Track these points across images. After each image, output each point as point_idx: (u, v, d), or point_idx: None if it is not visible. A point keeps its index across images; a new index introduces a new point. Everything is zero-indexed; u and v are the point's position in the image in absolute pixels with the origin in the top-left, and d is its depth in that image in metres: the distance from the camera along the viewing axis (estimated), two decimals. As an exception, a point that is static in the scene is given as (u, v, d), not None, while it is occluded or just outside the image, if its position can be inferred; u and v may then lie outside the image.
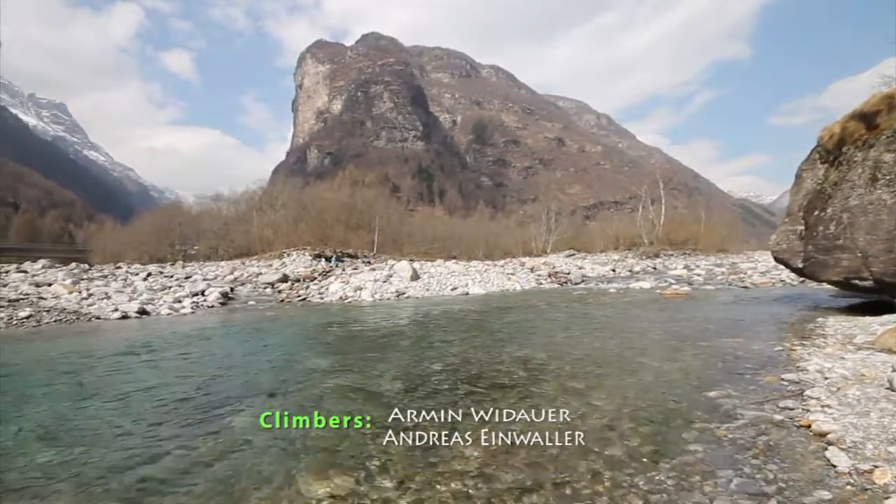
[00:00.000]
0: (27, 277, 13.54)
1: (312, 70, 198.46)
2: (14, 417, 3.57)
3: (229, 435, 3.08)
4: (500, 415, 3.29)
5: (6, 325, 8.83)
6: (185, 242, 39.73)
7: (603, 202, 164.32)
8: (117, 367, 5.38)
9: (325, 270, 20.05)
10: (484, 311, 10.63)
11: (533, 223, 51.57)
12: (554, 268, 23.70)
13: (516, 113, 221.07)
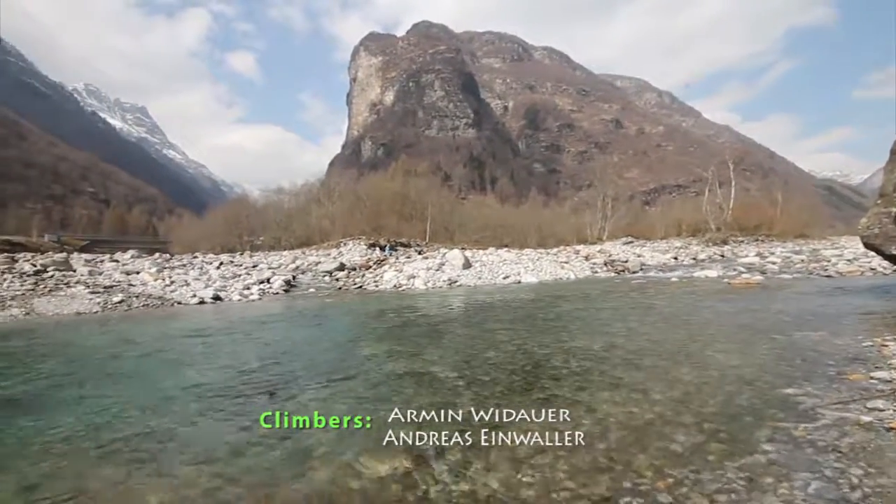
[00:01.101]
0: (118, 266, 15.05)
1: (365, 63, 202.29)
2: (121, 390, 4.02)
3: (289, 409, 3.28)
4: (554, 404, 3.25)
5: (102, 308, 9.91)
6: (251, 233, 42.40)
7: (664, 186, 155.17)
8: (200, 348, 5.87)
9: (379, 259, 20.62)
10: (536, 299, 10.48)
11: (588, 210, 49.83)
12: (610, 256, 22.83)
13: (570, 95, 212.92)
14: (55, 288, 11.21)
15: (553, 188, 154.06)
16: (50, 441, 2.86)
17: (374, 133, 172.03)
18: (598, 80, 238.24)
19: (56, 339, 6.90)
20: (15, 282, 11.31)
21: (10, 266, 12.91)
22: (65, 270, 13.23)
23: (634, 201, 66.73)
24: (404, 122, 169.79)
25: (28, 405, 3.59)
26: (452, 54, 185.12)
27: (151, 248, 39.91)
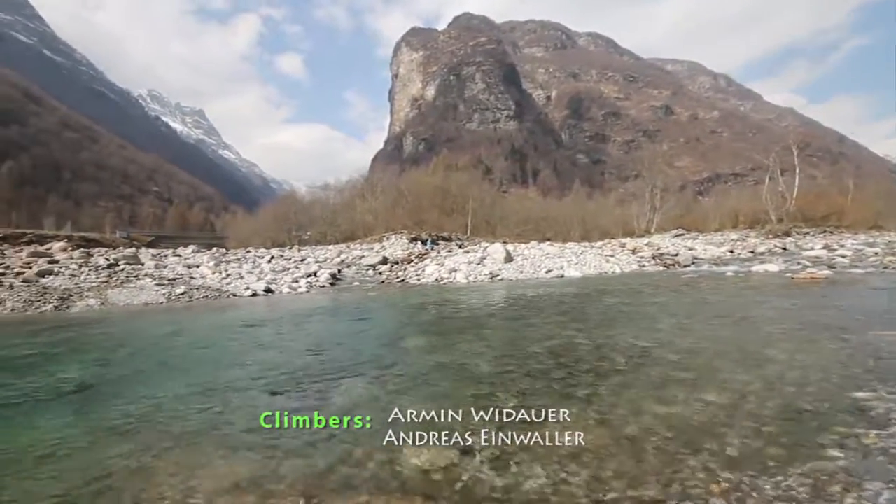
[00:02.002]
0: (181, 260, 16.10)
1: (407, 58, 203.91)
2: (183, 377, 4.33)
3: (341, 400, 3.40)
4: (599, 401, 3.18)
5: (167, 299, 10.66)
6: (299, 228, 44.09)
7: (719, 175, 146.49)
8: (254, 339, 6.21)
9: (421, 253, 20.85)
10: (580, 294, 10.24)
11: (635, 201, 47.96)
12: (659, 249, 21.88)
13: (617, 82, 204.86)
14: (126, 280, 12.17)
15: (598, 179, 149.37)
16: (118, 424, 3.12)
17: (416, 128, 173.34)
18: (646, 65, 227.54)
19: (128, 328, 7.51)
20: (91, 274, 12.39)
21: (86, 260, 14.14)
22: (134, 264, 14.33)
23: (686, 191, 63.58)
24: (445, 117, 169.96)
25: (101, 390, 3.94)
26: (493, 46, 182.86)
27: (209, 243, 42.38)
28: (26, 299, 9.70)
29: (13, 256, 14.08)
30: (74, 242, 22.62)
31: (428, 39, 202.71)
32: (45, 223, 60.06)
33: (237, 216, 72.01)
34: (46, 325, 7.61)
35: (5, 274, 11.57)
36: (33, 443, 2.76)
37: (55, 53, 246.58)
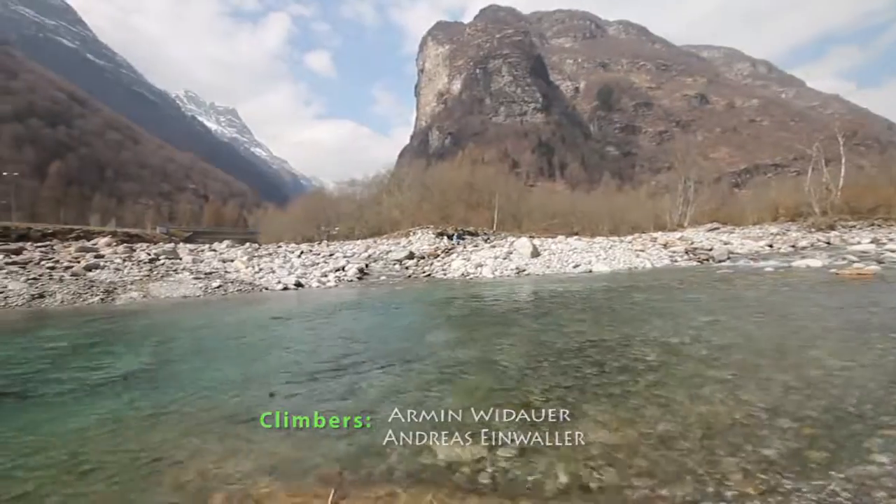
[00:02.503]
0: (216, 255, 16.69)
1: (433, 53, 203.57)
2: (219, 367, 4.52)
3: (370, 393, 3.47)
4: (629, 399, 3.13)
5: (204, 292, 11.08)
6: (328, 224, 44.91)
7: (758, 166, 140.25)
8: (285, 331, 6.40)
9: (447, 248, 20.90)
10: (609, 289, 10.04)
11: (667, 194, 46.54)
12: (692, 243, 21.19)
13: (648, 71, 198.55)
14: (166, 274, 12.73)
15: (628, 172, 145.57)
16: (161, 409, 3.28)
17: (442, 123, 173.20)
18: (680, 53, 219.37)
19: (169, 320, 7.86)
20: (134, 268, 13.01)
21: (129, 255, 14.86)
22: (173, 259, 14.96)
23: (721, 184, 61.13)
24: (471, 111, 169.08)
25: (145, 378, 4.15)
26: (520, 37, 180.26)
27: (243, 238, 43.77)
28: (75, 292, 10.30)
29: (62, 251, 14.93)
30: (118, 238, 23.81)
31: (454, 33, 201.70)
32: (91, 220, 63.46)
33: (268, 212, 74.04)
34: (94, 316, 8.06)
35: (55, 268, 12.29)
36: (86, 425, 2.94)
37: (98, 57, 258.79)
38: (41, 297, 9.80)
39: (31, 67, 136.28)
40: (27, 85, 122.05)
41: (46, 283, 10.82)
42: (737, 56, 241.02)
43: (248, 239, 42.77)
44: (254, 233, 62.18)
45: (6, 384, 3.88)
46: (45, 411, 3.24)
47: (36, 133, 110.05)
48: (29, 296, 9.77)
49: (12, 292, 9.80)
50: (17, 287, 10.13)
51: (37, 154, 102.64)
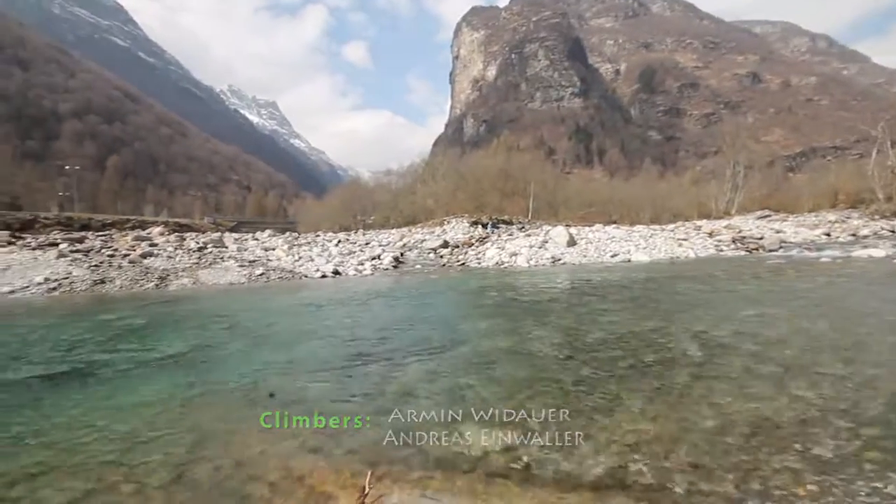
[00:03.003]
0: (259, 244, 17.34)
1: (468, 39, 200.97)
2: (261, 352, 4.73)
3: (405, 379, 3.53)
4: (669, 392, 3.04)
5: (248, 280, 11.57)
6: (364, 213, 45.70)
7: (815, 149, 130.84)
8: (324, 318, 6.60)
9: (481, 237, 20.83)
10: (649, 279, 9.72)
11: (713, 180, 44.29)
12: (740, 232, 20.14)
13: (695, 50, 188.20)
14: (213, 262, 13.37)
15: (670, 157, 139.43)
16: (209, 389, 3.48)
17: (476, 110, 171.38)
18: (730, 29, 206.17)
19: (216, 305, 8.28)
20: (184, 257, 13.74)
21: (180, 243, 15.69)
22: (220, 247, 15.69)
23: (774, 168, 57.34)
24: (506, 97, 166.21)
25: (195, 359, 4.40)
26: (558, 19, 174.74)
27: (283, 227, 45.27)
28: (132, 278, 11.01)
29: (120, 240, 15.96)
30: (170, 227, 25.17)
31: (489, 18, 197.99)
32: (146, 210, 67.39)
33: (307, 202, 76.13)
34: (150, 301, 8.60)
35: (114, 255, 13.16)
36: (141, 402, 3.16)
37: (148, 55, 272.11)
38: (102, 283, 10.54)
39: (88, 67, 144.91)
40: (85, 83, 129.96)
41: (107, 269, 11.61)
42: (793, 31, 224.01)
43: (287, 228, 44.19)
44: (293, 222, 64.17)
45: (73, 363, 4.22)
46: (106, 388, 3.50)
47: (94, 129, 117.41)
48: (91, 281, 10.52)
49: (77, 278, 10.59)
50: (80, 273, 10.94)
51: (96, 149, 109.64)
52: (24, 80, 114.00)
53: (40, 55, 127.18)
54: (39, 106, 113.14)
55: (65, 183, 53.30)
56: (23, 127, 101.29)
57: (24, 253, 12.35)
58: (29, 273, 10.57)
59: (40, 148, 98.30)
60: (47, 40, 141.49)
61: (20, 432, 2.71)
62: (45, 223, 25.21)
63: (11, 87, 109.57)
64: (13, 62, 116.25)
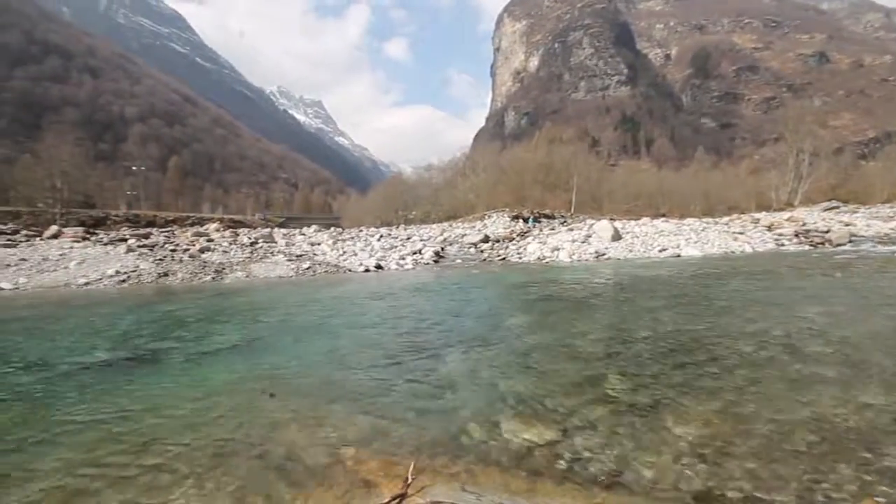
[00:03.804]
0: (305, 239, 18.00)
1: (509, 30, 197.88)
2: (308, 341, 4.93)
3: (446, 372, 3.57)
4: (723, 393, 2.89)
5: (295, 273, 12.04)
6: (405, 208, 46.28)
7: (890, 133, 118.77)
8: (367, 310, 6.78)
9: (522, 231, 20.57)
10: (700, 275, 9.26)
11: (773, 169, 41.33)
12: (804, 225, 18.74)
13: (755, 30, 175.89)
14: (264, 256, 14.03)
15: (725, 146, 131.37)
16: (261, 376, 3.66)
17: (518, 102, 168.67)
18: (793, 7, 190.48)
19: (268, 297, 8.69)
20: (238, 251, 14.50)
21: (234, 239, 16.56)
22: (270, 242, 16.43)
23: (844, 155, 52.67)
24: (549, 88, 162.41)
25: (248, 348, 4.65)
26: (604, 4, 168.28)
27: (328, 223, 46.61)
28: (192, 271, 11.76)
29: (181, 236, 17.07)
30: (225, 224, 26.60)
31: (531, 7, 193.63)
32: (203, 208, 71.55)
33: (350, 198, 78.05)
34: (208, 292, 9.16)
35: (176, 250, 14.09)
36: (201, 387, 3.38)
37: (204, 60, 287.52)
38: (166, 276, 11.32)
39: (151, 73, 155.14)
40: (148, 89, 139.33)
41: (169, 263, 12.46)
42: (865, 6, 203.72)
43: (332, 224, 45.47)
44: (337, 218, 65.97)
45: (140, 349, 4.58)
46: (169, 374, 3.78)
47: (157, 131, 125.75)
48: (156, 274, 11.34)
49: (144, 271, 11.44)
50: (147, 266, 11.81)
51: (159, 150, 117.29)
52: (95, 87, 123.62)
53: (108, 63, 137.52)
54: (108, 111, 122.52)
55: (132, 182, 57.53)
56: (94, 131, 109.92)
57: (97, 248, 13.46)
58: (102, 266, 11.53)
59: (110, 150, 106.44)
60: (114, 49, 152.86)
61: (98, 410, 2.97)
62: (115, 220, 27.33)
63: (83, 94, 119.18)
64: (84, 70, 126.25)
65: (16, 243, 13.35)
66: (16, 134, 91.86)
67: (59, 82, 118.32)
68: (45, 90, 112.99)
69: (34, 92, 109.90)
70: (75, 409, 3.01)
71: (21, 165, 37.97)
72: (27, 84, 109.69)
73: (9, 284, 10.01)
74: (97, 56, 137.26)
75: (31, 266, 11.18)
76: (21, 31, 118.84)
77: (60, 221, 22.33)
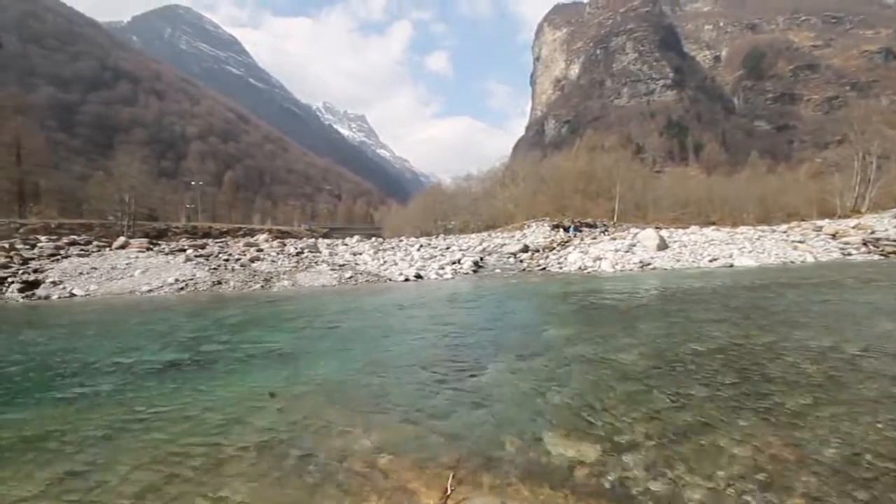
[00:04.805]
0: (348, 249, 18.50)
1: (549, 38, 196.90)
2: (349, 349, 5.05)
3: (482, 382, 3.55)
4: (782, 414, 2.70)
5: (338, 282, 12.39)
6: (444, 218, 46.62)
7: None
8: (407, 319, 6.87)
9: (563, 240, 20.20)
10: (756, 286, 8.72)
11: (837, 173, 38.46)
12: (872, 233, 17.27)
13: (813, 27, 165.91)
14: (309, 266, 14.54)
15: (782, 149, 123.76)
16: (305, 382, 3.78)
17: (558, 111, 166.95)
18: (855, 2, 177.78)
19: (312, 305, 8.99)
20: (285, 261, 15.11)
21: (281, 249, 17.28)
22: (314, 252, 17.01)
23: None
24: (590, 95, 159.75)
25: (293, 355, 4.81)
26: (647, 8, 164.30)
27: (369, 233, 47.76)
28: (243, 279, 12.36)
29: (233, 246, 18.01)
30: (273, 234, 27.83)
31: (572, 15, 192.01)
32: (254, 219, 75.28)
33: (391, 208, 79.70)
34: (257, 300, 9.59)
35: (229, 260, 14.88)
36: (246, 392, 3.53)
37: (257, 80, 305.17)
38: (219, 284, 11.97)
39: (209, 94, 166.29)
40: (206, 109, 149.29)
41: (223, 272, 13.16)
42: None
43: (373, 234, 46.52)
44: (378, 228, 67.47)
45: (191, 353, 4.85)
46: (216, 378, 3.97)
47: (214, 148, 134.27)
48: (211, 282, 12.01)
49: (200, 279, 12.15)
50: (202, 275, 12.53)
51: (216, 166, 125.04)
52: (160, 109, 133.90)
53: (172, 86, 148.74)
54: (171, 130, 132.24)
55: (191, 196, 61.50)
56: (159, 149, 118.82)
57: (159, 257, 14.43)
58: (163, 274, 12.34)
59: (172, 167, 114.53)
60: (178, 73, 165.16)
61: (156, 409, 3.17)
62: (176, 231, 29.27)
63: (150, 116, 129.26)
64: (151, 93, 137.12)
65: (88, 253, 14.55)
66: (90, 153, 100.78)
67: (129, 105, 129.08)
68: (117, 112, 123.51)
69: (107, 114, 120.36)
70: (142, 407, 3.23)
71: (94, 182, 41.60)
72: (101, 107, 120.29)
73: (81, 291, 10.91)
74: (162, 80, 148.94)
75: (101, 274, 12.14)
76: (95, 58, 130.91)
77: (128, 233, 24.17)
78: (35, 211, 32.33)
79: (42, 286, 11.07)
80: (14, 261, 12.63)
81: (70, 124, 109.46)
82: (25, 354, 5.04)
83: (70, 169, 79.54)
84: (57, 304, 9.88)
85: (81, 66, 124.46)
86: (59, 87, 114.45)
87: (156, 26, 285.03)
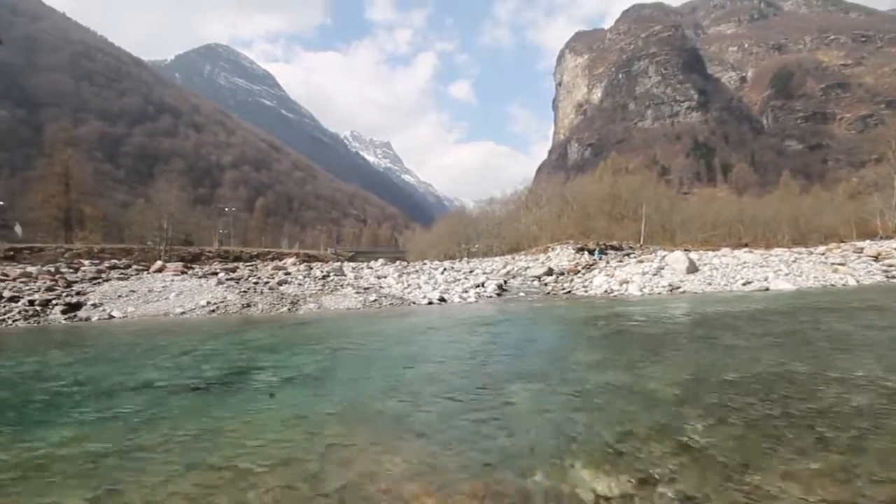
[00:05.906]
0: (373, 272, 18.70)
1: (571, 64, 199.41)
2: (370, 373, 5.07)
3: (506, 410, 3.49)
4: (829, 449, 2.54)
5: (363, 305, 12.50)
6: (468, 241, 46.71)
7: None
8: (430, 343, 6.86)
9: (588, 263, 19.89)
10: (794, 311, 8.33)
11: (876, 192, 36.80)
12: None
13: (842, 46, 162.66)
14: (334, 289, 14.76)
15: (816, 168, 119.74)
16: (330, 406, 3.80)
17: (581, 134, 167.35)
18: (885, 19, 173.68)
19: (338, 328, 9.09)
20: (312, 284, 15.40)
21: (308, 272, 17.63)
22: (340, 276, 17.28)
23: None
24: (613, 118, 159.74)
25: (319, 378, 4.85)
26: (669, 32, 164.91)
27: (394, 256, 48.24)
28: (271, 302, 12.64)
29: (262, 269, 18.49)
30: (301, 258, 28.47)
31: (593, 41, 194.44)
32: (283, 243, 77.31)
33: (415, 232, 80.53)
34: (284, 323, 9.77)
35: (258, 283, 15.27)
36: (270, 416, 3.57)
37: (288, 111, 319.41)
38: (248, 306, 12.26)
39: (243, 125, 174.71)
40: (240, 139, 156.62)
41: (252, 295, 13.50)
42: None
43: (398, 257, 46.93)
44: (403, 251, 68.07)
45: (219, 375, 4.95)
46: (241, 401, 4.03)
47: (247, 176, 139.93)
48: (241, 304, 12.32)
49: (230, 302, 12.48)
50: (233, 298, 12.88)
51: (248, 193, 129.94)
52: (198, 140, 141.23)
53: (209, 119, 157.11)
54: (207, 160, 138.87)
55: (224, 222, 63.87)
56: (195, 177, 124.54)
57: (192, 280, 14.94)
58: (196, 297, 12.75)
59: (208, 194, 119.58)
60: (215, 106, 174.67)
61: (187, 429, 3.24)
62: (209, 256, 30.32)
63: (189, 146, 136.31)
64: (190, 126, 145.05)
65: (127, 276, 15.21)
66: (132, 182, 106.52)
67: (170, 136, 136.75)
68: (158, 144, 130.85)
69: (149, 146, 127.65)
70: (177, 425, 3.31)
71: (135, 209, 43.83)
72: (144, 139, 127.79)
73: (119, 313, 11.36)
74: (201, 113, 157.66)
75: (138, 297, 12.64)
76: (140, 94, 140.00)
77: (165, 257, 25.19)
78: (80, 237, 34.15)
79: (83, 308, 11.59)
80: (59, 284, 13.32)
81: (115, 155, 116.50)
82: (63, 375, 5.26)
83: (114, 197, 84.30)
84: (97, 326, 10.31)
85: (127, 101, 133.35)
86: (107, 121, 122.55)
87: (196, 64, 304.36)
